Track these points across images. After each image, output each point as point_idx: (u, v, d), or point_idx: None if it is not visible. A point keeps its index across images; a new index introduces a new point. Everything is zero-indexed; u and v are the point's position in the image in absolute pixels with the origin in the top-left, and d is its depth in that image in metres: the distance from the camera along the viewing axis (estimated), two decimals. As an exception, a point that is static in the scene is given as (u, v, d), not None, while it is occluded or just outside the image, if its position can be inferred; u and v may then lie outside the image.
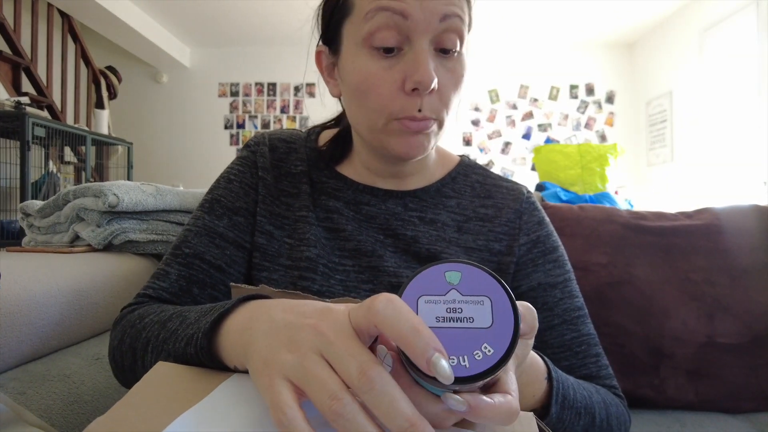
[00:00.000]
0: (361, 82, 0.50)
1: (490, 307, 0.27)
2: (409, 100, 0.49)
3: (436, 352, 0.25)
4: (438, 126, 0.52)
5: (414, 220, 0.59)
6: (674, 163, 4.49)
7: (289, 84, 5.30)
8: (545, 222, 0.63)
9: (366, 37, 0.49)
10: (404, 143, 0.51)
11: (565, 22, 4.67)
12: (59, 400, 0.57)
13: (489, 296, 0.27)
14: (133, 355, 0.45)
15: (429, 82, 0.47)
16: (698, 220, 0.93)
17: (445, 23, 0.47)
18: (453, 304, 0.27)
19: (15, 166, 2.45)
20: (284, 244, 0.57)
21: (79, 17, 3.83)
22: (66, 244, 0.88)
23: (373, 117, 0.51)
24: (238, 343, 0.33)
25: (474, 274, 0.28)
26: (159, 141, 5.32)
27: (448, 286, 0.28)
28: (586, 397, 0.48)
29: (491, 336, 0.26)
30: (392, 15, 0.47)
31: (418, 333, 0.25)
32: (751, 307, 0.85)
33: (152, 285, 0.54)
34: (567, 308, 0.58)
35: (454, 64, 0.50)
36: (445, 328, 0.27)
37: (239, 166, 0.61)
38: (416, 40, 0.48)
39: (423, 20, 0.47)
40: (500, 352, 0.26)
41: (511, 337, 0.26)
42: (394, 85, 0.49)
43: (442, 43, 0.49)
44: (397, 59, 0.49)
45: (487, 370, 0.25)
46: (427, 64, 0.47)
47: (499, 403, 0.26)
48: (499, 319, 0.27)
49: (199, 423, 0.27)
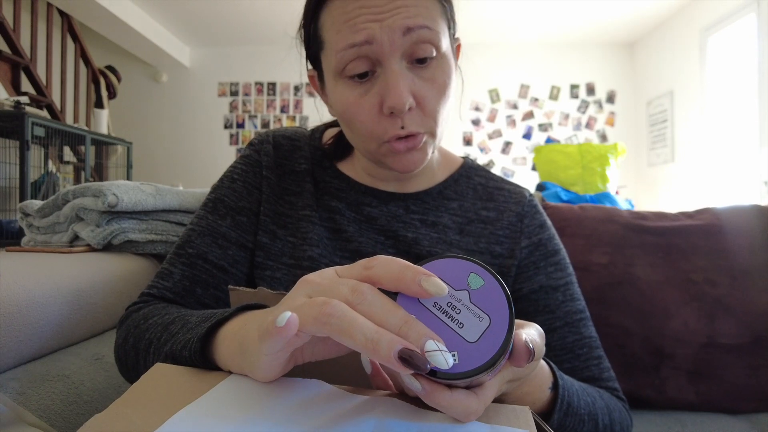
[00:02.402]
0: (344, 111, 0.51)
1: (486, 327, 0.27)
2: (391, 122, 0.49)
3: (425, 276, 0.27)
4: (430, 137, 0.52)
5: (415, 222, 0.59)
6: (675, 163, 4.49)
7: (289, 84, 5.30)
8: (547, 225, 0.63)
9: (339, 70, 0.49)
10: (400, 161, 0.52)
11: (566, 22, 4.67)
12: (59, 400, 0.57)
13: (491, 317, 0.27)
14: (136, 355, 0.45)
15: (401, 105, 0.47)
16: (699, 221, 0.93)
17: (411, 36, 0.47)
18: (456, 303, 0.27)
19: (14, 165, 2.45)
20: (287, 243, 0.57)
21: (79, 17, 3.83)
22: (65, 244, 0.88)
23: (365, 142, 0.52)
24: (233, 343, 0.33)
25: (493, 289, 0.28)
26: (158, 141, 5.33)
27: (465, 285, 0.28)
28: (590, 404, 0.48)
29: (467, 350, 0.26)
30: (358, 47, 0.47)
31: (408, 267, 0.27)
32: (752, 308, 0.85)
33: (156, 284, 0.54)
34: (569, 311, 0.58)
35: (433, 72, 0.49)
36: (434, 315, 0.27)
37: (243, 165, 0.61)
38: (386, 61, 0.47)
39: (387, 41, 0.46)
40: (464, 368, 0.26)
41: (481, 364, 0.26)
42: (373, 110, 0.49)
43: (416, 54, 0.48)
44: (372, 82, 0.49)
45: (440, 373, 0.25)
46: (398, 87, 0.46)
47: (457, 398, 0.26)
48: (485, 342, 0.26)
49: (195, 420, 0.27)
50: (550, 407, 0.43)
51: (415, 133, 0.50)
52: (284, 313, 0.25)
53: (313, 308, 0.26)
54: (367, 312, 0.26)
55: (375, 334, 0.24)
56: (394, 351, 0.24)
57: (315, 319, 0.25)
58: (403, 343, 0.24)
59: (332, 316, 0.25)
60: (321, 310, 0.25)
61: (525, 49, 5.22)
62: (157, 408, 0.28)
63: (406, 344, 0.24)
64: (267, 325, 0.26)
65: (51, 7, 3.48)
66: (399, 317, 0.26)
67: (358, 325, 0.25)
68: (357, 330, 0.25)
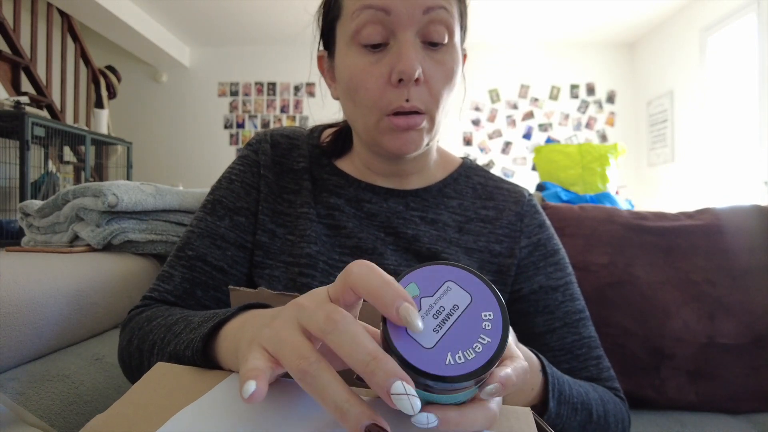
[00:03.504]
0: (351, 78, 0.51)
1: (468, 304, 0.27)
2: (396, 92, 0.49)
3: (404, 302, 0.25)
4: (429, 122, 0.52)
5: (415, 219, 0.59)
6: (675, 163, 4.49)
7: (289, 84, 5.29)
8: (546, 225, 0.63)
9: (353, 35, 0.50)
10: (396, 140, 0.52)
11: (566, 22, 4.67)
12: (59, 400, 0.57)
13: (472, 295, 0.27)
14: (140, 356, 0.45)
15: (412, 71, 0.47)
16: (699, 221, 0.93)
17: (429, 15, 0.48)
18: (435, 305, 0.27)
19: (14, 165, 2.45)
20: (286, 241, 0.58)
21: (79, 17, 3.83)
22: (65, 244, 0.88)
23: (365, 114, 0.52)
24: (232, 344, 0.33)
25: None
26: (158, 141, 5.32)
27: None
28: (582, 394, 0.48)
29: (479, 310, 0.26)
30: (375, 12, 0.48)
31: (388, 285, 0.26)
32: (752, 308, 0.85)
33: (157, 287, 0.55)
34: (568, 311, 0.58)
35: (443, 56, 0.51)
36: (446, 327, 0.26)
37: (240, 165, 0.61)
38: (400, 34, 0.49)
39: (406, 14, 0.48)
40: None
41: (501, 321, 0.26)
42: (381, 79, 0.50)
43: (429, 35, 0.49)
44: (384, 53, 0.50)
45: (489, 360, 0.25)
46: (410, 54, 0.48)
47: (469, 414, 0.26)
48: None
49: (197, 419, 0.27)
50: (545, 395, 0.43)
51: (417, 110, 0.50)
52: (248, 384, 0.25)
53: (293, 361, 0.25)
54: (336, 343, 0.25)
55: (345, 404, 0.24)
56: (362, 426, 0.23)
57: (293, 370, 0.25)
58: (372, 418, 0.24)
59: (307, 374, 0.25)
60: (298, 365, 0.25)
61: (525, 49, 5.22)
62: (158, 408, 0.28)
63: (375, 419, 0.24)
64: (242, 373, 0.26)
65: (51, 7, 3.47)
66: (367, 353, 0.24)
67: (331, 390, 0.24)
68: (329, 395, 0.24)
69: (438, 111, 0.52)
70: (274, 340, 0.27)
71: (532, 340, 0.58)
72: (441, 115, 0.53)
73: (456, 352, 0.25)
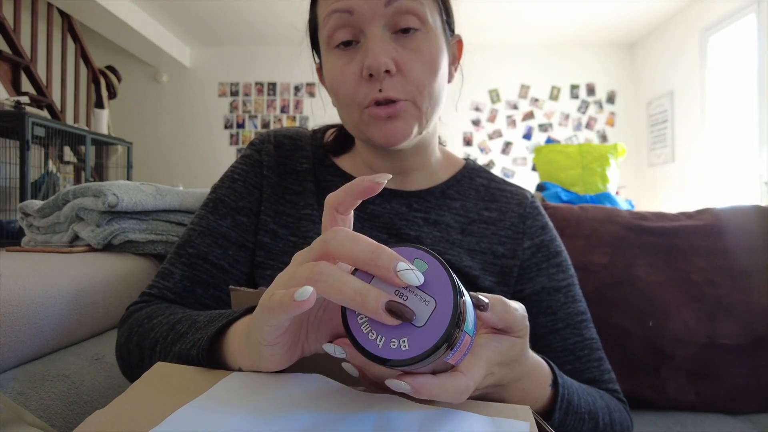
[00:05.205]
0: (332, 80, 0.53)
1: (432, 310, 0.26)
2: (370, 86, 0.50)
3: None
4: (414, 108, 0.51)
5: (418, 220, 0.59)
6: (675, 164, 4.49)
7: (289, 84, 5.30)
8: (549, 227, 0.63)
9: (327, 41, 0.52)
10: (381, 130, 0.51)
11: (566, 22, 4.67)
12: (59, 400, 0.57)
13: (436, 300, 0.27)
14: (141, 353, 0.45)
15: (378, 65, 0.48)
16: (699, 221, 0.93)
17: (392, 6, 0.49)
18: (403, 290, 0.27)
19: (14, 165, 2.45)
20: (288, 243, 0.57)
21: (79, 17, 3.83)
22: (65, 244, 0.88)
23: (349, 111, 0.53)
24: (243, 338, 0.33)
25: (437, 272, 0.27)
26: (159, 141, 5.32)
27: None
28: (590, 403, 0.48)
29: (417, 335, 0.26)
30: (341, 15, 0.50)
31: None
32: (752, 308, 0.85)
33: (157, 284, 0.54)
34: (570, 312, 0.58)
35: (418, 43, 0.51)
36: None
37: (243, 165, 0.61)
38: (367, 30, 0.50)
39: (368, 10, 0.49)
40: (413, 353, 0.26)
41: (430, 347, 0.26)
42: (355, 76, 0.51)
43: (398, 24, 0.50)
44: (357, 52, 0.51)
45: (392, 361, 0.26)
46: (375, 49, 0.49)
47: (444, 382, 0.27)
48: (433, 325, 0.26)
49: (198, 416, 0.27)
50: (551, 405, 0.43)
51: (394, 99, 0.50)
52: (305, 288, 0.26)
53: (304, 270, 0.27)
54: (326, 288, 0.26)
55: (363, 288, 0.26)
56: (382, 303, 0.25)
57: (308, 279, 0.27)
58: (390, 296, 0.26)
59: (322, 274, 0.26)
60: (312, 270, 0.27)
61: (525, 49, 5.22)
62: (159, 405, 0.28)
63: (393, 298, 0.26)
64: (281, 297, 0.26)
65: (51, 7, 3.48)
66: (370, 249, 0.27)
67: (347, 280, 0.26)
68: (346, 285, 0.26)
69: (423, 98, 0.51)
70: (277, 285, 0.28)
71: (534, 341, 0.58)
72: (428, 102, 0.52)
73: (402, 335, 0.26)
